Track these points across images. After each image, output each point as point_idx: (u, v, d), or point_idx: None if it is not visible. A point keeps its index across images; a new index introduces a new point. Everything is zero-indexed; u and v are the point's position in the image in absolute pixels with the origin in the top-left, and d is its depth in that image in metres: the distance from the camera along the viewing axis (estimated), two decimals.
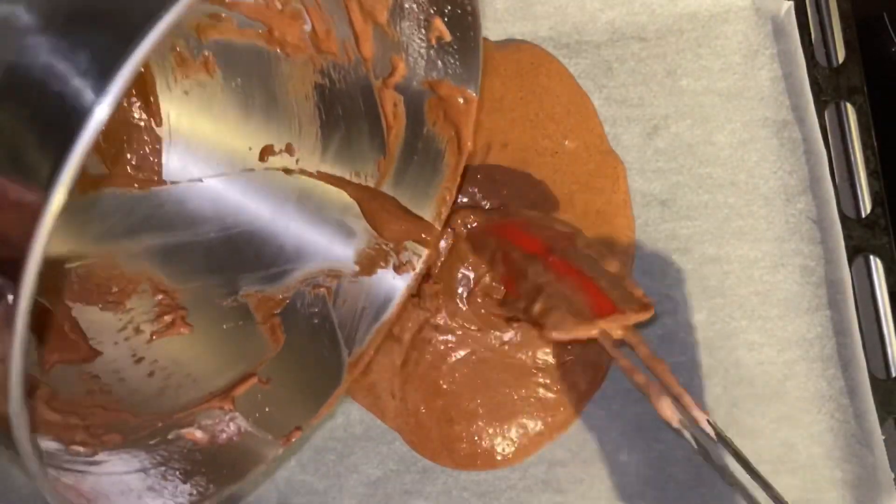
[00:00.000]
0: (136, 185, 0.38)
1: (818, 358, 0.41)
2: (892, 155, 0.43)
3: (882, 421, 0.39)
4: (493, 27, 0.43)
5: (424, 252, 0.37)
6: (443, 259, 0.40)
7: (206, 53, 0.36)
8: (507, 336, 0.41)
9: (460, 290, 0.40)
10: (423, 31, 0.32)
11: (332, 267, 0.37)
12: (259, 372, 0.36)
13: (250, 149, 0.38)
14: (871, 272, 0.42)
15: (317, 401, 0.36)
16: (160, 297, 0.37)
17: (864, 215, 0.42)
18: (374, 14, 0.32)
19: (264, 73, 0.36)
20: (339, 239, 0.38)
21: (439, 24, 0.31)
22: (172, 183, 0.39)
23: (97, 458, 0.32)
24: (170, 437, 0.34)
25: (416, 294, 0.40)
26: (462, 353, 0.41)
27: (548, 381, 0.41)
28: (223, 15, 0.35)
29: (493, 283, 0.40)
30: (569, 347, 0.41)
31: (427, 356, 0.41)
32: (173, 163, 0.39)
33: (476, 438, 0.41)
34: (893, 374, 0.41)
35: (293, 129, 0.37)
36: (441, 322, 0.41)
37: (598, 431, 0.41)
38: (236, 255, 0.38)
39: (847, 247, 0.41)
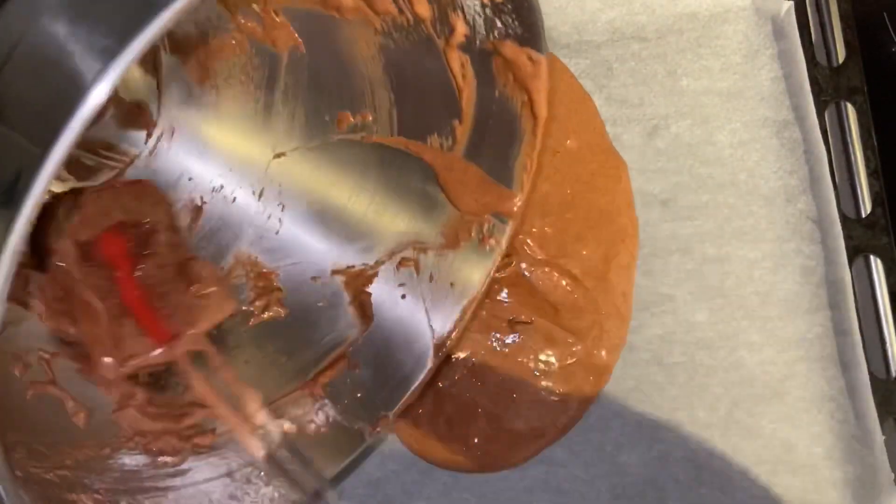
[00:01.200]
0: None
1: (818, 358, 0.41)
2: (893, 155, 0.43)
3: (882, 421, 0.39)
4: None
5: (509, 223, 0.35)
6: None
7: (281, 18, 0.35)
8: (508, 339, 0.41)
9: None
10: None
11: (417, 239, 0.36)
12: (349, 354, 0.35)
13: (327, 119, 0.37)
14: (871, 272, 0.42)
15: (403, 385, 0.35)
16: (257, 280, 0.37)
17: (864, 215, 0.42)
18: None
19: (328, 40, 0.35)
20: (423, 209, 0.36)
21: None
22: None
23: (183, 466, 0.31)
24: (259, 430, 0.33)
25: None
26: (461, 355, 0.41)
27: (550, 385, 0.41)
28: None
29: (496, 286, 0.40)
30: (574, 349, 0.41)
31: None
32: None
33: (476, 441, 0.41)
34: (894, 374, 0.41)
35: (367, 95, 0.36)
36: None
37: (598, 431, 0.41)
38: (325, 231, 0.37)
39: (847, 247, 0.41)
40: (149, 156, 0.37)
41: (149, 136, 0.37)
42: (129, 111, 0.37)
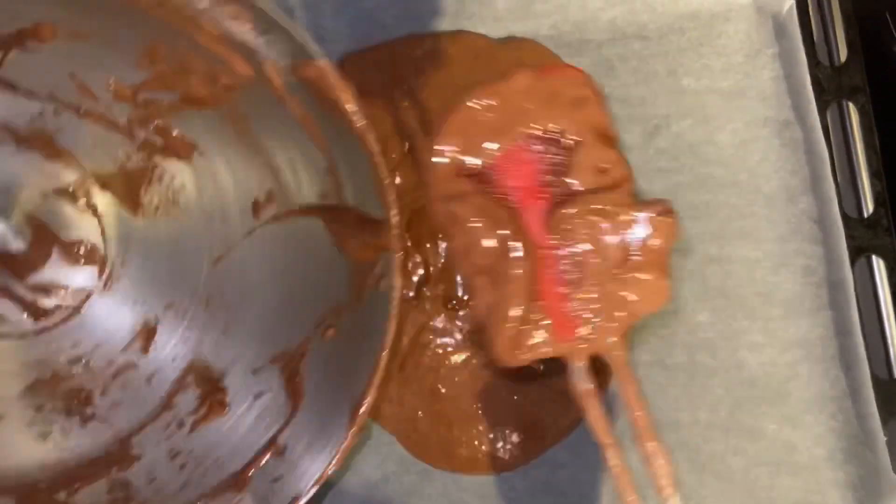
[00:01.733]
0: None
1: (820, 359, 0.41)
2: (895, 154, 0.42)
3: (884, 422, 0.39)
4: (494, 26, 0.43)
5: (394, 255, 0.32)
6: (442, 261, 0.40)
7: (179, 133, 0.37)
8: None
9: (460, 292, 0.40)
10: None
11: (335, 303, 0.36)
12: (279, 440, 0.35)
13: (243, 210, 0.38)
14: (873, 272, 0.42)
15: (324, 460, 0.34)
16: (202, 385, 0.38)
17: (866, 215, 0.42)
18: (193, 35, 0.30)
19: (219, 133, 0.36)
20: (333, 270, 0.36)
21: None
22: None
23: None
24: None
25: (414, 297, 0.40)
26: (462, 356, 0.41)
27: (551, 386, 0.41)
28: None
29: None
30: None
31: (425, 360, 0.41)
32: None
33: (476, 443, 0.40)
34: None
35: (265, 173, 0.36)
36: (440, 325, 0.41)
37: None
38: (266, 322, 0.38)
39: (849, 247, 0.40)
40: (104, 289, 0.39)
41: (101, 271, 0.39)
42: (75, 250, 0.38)
